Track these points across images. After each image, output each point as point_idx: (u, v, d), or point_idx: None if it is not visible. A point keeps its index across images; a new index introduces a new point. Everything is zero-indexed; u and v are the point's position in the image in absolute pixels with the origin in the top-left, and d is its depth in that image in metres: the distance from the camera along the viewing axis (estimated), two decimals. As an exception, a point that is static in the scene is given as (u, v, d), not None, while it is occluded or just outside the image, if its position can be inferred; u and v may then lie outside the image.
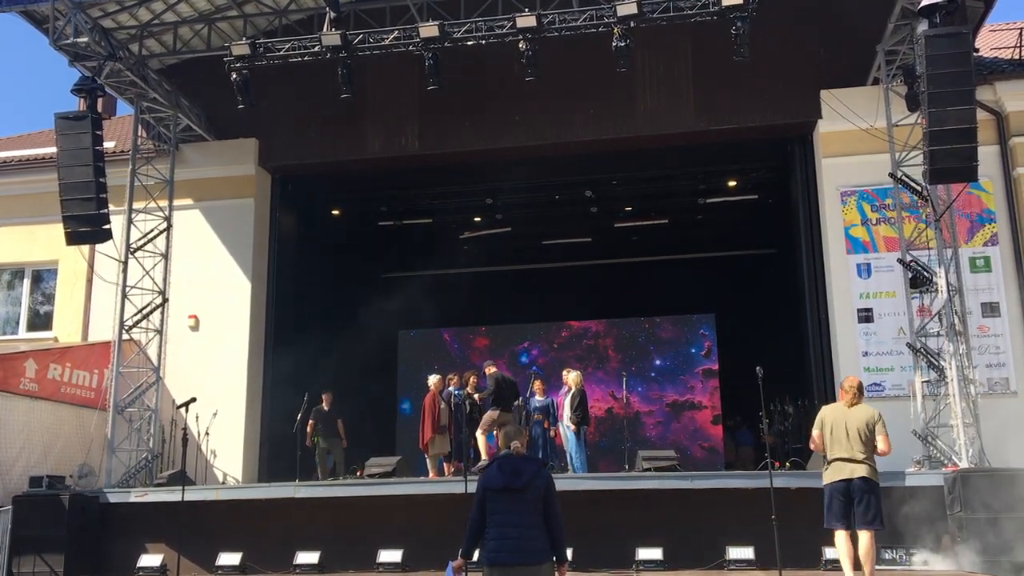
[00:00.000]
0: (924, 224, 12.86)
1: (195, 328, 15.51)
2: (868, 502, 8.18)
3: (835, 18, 14.49)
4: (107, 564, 12.63)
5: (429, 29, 12.46)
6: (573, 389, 13.56)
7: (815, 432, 8.49)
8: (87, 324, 16.05)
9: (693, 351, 22.00)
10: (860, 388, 8.64)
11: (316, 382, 15.50)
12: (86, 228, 13.22)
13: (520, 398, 13.79)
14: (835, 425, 8.23)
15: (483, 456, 13.12)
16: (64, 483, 12.99)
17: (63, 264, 16.37)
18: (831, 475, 8.16)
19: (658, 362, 22.08)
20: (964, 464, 11.35)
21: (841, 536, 8.11)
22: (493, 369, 13.71)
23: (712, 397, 21.52)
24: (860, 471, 8.15)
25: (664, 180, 18.24)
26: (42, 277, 17.00)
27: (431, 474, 13.63)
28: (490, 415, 13.15)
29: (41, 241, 16.43)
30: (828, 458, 8.22)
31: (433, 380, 13.96)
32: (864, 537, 8.19)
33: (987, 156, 13.04)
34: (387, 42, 12.85)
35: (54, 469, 13.48)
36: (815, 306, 14.66)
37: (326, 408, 14.92)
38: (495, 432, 12.85)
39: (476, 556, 5.88)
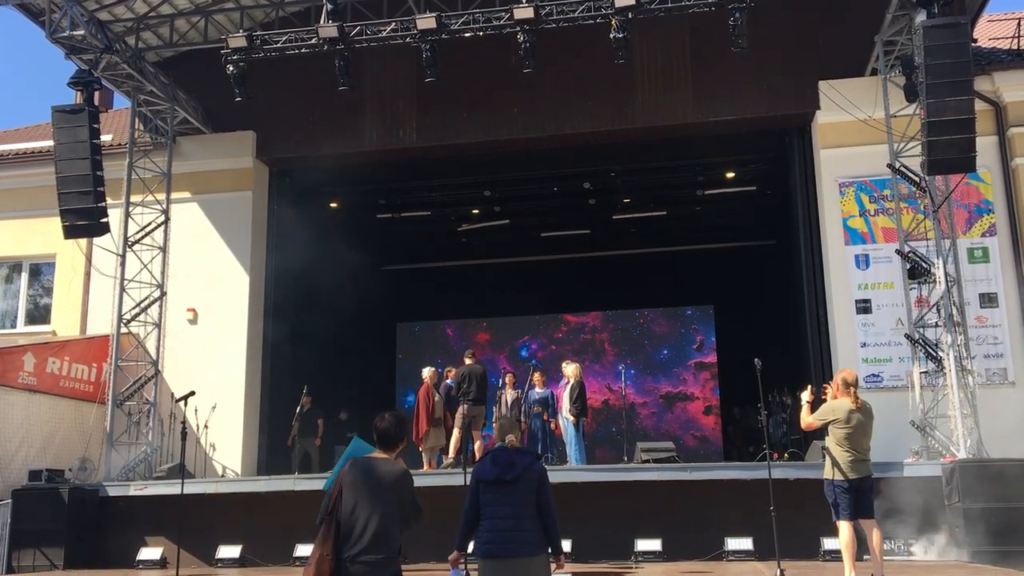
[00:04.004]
0: (922, 215, 12.87)
1: (193, 321, 15.50)
2: (871, 495, 8.28)
3: (833, 9, 14.48)
4: (107, 557, 12.65)
5: (426, 21, 12.43)
6: (572, 381, 13.57)
7: (815, 420, 8.36)
8: (85, 317, 16.04)
9: (686, 345, 22.32)
10: (856, 383, 8.57)
11: (314, 375, 15.53)
12: (84, 221, 13.20)
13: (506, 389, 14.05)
14: (852, 423, 8.12)
15: (450, 451, 13.31)
16: (63, 476, 13.02)
17: (61, 258, 16.35)
18: (848, 472, 8.07)
19: (652, 355, 22.32)
20: (962, 455, 11.37)
21: (851, 528, 8.12)
22: (468, 361, 13.78)
23: (704, 388, 21.95)
24: (870, 468, 8.20)
25: (662, 172, 18.23)
26: (40, 271, 16.99)
27: (425, 467, 13.65)
28: (459, 410, 13.26)
29: (39, 235, 16.40)
30: (847, 456, 8.08)
31: (427, 373, 13.94)
32: (874, 526, 8.22)
33: (985, 147, 13.00)
34: (384, 34, 12.83)
35: (53, 463, 13.51)
36: (813, 297, 14.66)
37: (306, 410, 15.02)
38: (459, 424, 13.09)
39: (471, 548, 5.89)
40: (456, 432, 13.27)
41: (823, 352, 14.28)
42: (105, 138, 15.01)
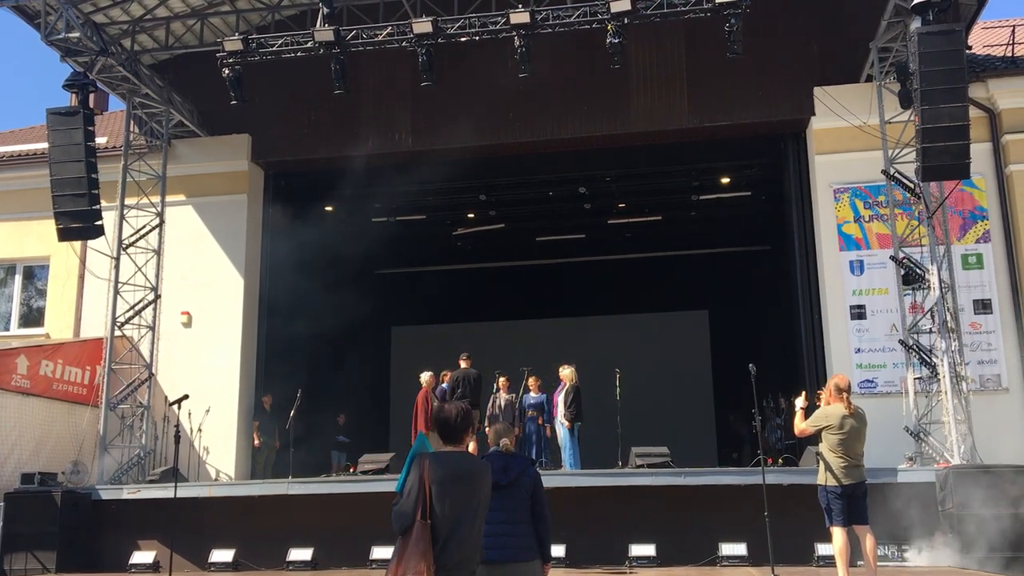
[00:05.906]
0: (917, 221, 12.90)
1: (188, 324, 15.47)
2: (866, 501, 8.27)
3: (829, 15, 14.52)
4: (99, 561, 12.60)
5: (422, 25, 12.44)
6: (568, 385, 13.54)
7: (808, 426, 8.37)
8: (79, 320, 15.99)
9: (679, 349, 22.26)
10: (849, 388, 8.56)
11: (309, 379, 15.50)
12: (78, 224, 13.17)
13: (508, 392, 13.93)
14: (846, 429, 8.12)
15: None
16: (56, 480, 12.96)
17: (55, 260, 16.31)
18: (841, 478, 8.08)
19: (646, 360, 22.29)
20: (956, 460, 11.39)
21: (844, 534, 8.12)
22: (463, 364, 13.74)
23: (697, 394, 21.82)
24: (864, 474, 8.20)
25: (658, 177, 18.25)
26: (34, 273, 16.94)
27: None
28: None
29: (33, 237, 16.36)
30: (840, 462, 8.09)
31: (425, 377, 13.94)
32: (868, 532, 8.22)
33: (979, 153, 13.07)
34: (380, 38, 12.83)
35: (46, 466, 13.45)
36: (808, 303, 14.68)
37: (267, 409, 14.96)
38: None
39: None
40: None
41: (817, 358, 14.30)
42: (100, 141, 15.01)
